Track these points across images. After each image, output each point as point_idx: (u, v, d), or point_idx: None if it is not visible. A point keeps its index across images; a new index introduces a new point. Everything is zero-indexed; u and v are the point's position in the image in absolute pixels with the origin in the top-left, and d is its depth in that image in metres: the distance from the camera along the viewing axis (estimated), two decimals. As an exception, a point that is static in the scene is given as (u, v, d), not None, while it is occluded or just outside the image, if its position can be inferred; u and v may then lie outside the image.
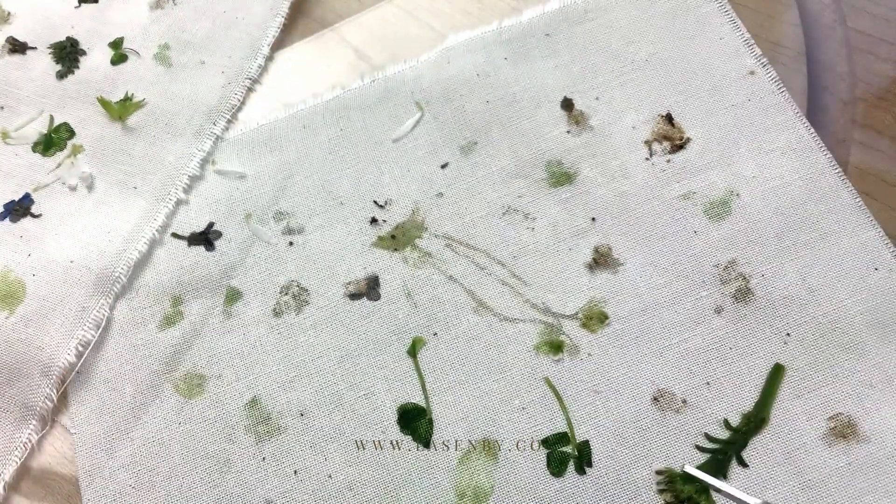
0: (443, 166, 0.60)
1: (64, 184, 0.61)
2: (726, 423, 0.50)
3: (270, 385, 0.54)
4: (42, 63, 0.67)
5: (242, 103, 0.65)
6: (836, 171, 0.55)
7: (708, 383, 0.51)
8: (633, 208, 0.56)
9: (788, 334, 0.51)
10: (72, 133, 0.63)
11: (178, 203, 0.61)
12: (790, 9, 0.64)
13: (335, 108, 0.63)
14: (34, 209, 0.60)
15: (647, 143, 0.58)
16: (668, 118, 0.58)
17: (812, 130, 0.56)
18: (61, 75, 0.66)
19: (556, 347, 0.53)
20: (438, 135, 0.61)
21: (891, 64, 0.61)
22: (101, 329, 0.56)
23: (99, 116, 0.64)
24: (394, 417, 0.52)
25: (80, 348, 0.56)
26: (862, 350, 0.50)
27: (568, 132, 0.59)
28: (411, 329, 0.55)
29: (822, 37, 0.63)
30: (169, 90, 0.65)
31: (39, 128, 0.64)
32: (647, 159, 0.57)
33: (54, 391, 0.54)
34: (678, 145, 0.57)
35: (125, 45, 0.67)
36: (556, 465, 0.50)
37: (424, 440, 0.51)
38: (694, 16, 0.62)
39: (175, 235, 0.60)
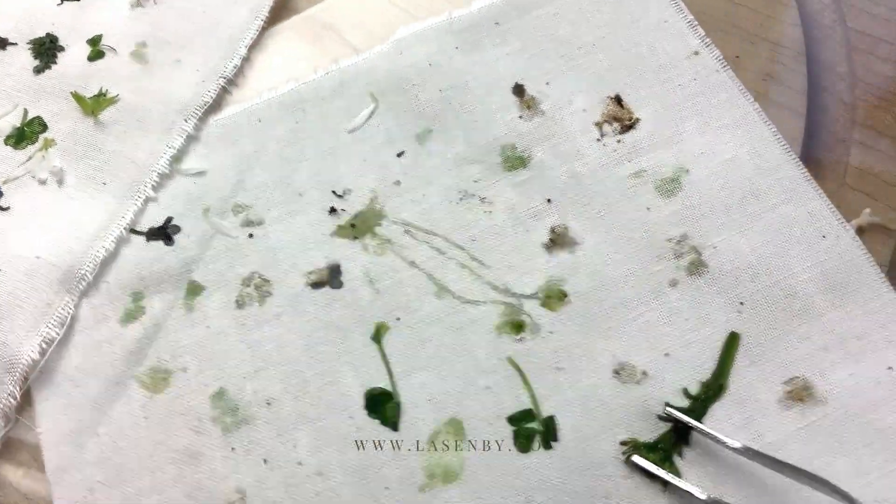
0: (399, 155, 0.60)
1: (34, 177, 0.61)
2: (685, 392, 0.51)
3: (236, 376, 0.54)
4: (21, 58, 0.67)
5: (216, 102, 0.65)
6: (782, 143, 0.57)
7: (667, 354, 0.52)
8: (586, 188, 0.57)
9: (742, 303, 0.53)
10: (45, 127, 0.63)
11: (147, 201, 0.61)
12: (790, 9, 0.64)
13: (290, 102, 0.64)
14: (3, 202, 0.60)
15: (598, 124, 0.59)
16: (618, 100, 0.60)
17: (756, 105, 0.58)
18: (38, 70, 0.66)
19: (517, 327, 0.54)
20: (394, 124, 0.62)
21: (891, 64, 0.61)
22: (65, 327, 0.56)
23: (72, 111, 0.64)
24: (361, 402, 0.53)
25: (45, 346, 0.55)
26: (814, 315, 0.52)
27: (520, 117, 0.60)
28: (374, 315, 0.55)
29: (822, 37, 0.63)
30: (143, 87, 0.65)
31: (14, 121, 0.63)
32: (598, 140, 0.59)
33: (17, 389, 0.54)
34: (628, 126, 0.59)
35: (103, 42, 0.67)
36: (523, 442, 0.51)
37: (392, 423, 0.52)
38: (638, 1, 0.63)
39: (133, 231, 0.60)
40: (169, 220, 0.60)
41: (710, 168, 0.57)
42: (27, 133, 0.63)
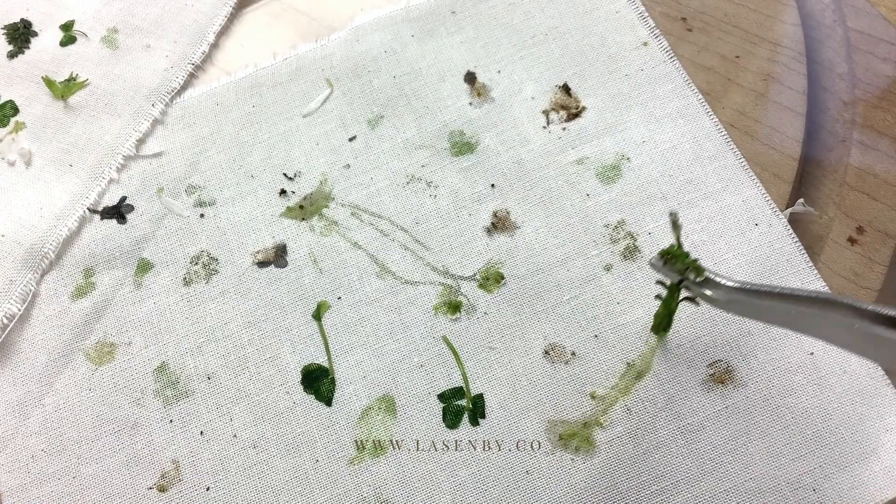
0: (350, 139, 0.61)
1: (3, 159, 0.63)
2: (611, 372, 0.52)
3: (179, 351, 0.55)
4: None
5: (183, 87, 0.67)
6: (722, 133, 0.57)
7: (596, 336, 0.53)
8: (530, 174, 0.58)
9: None
10: (16, 110, 0.65)
11: (111, 182, 0.62)
12: (790, 9, 0.64)
13: (248, 86, 0.65)
14: None
15: (545, 112, 0.60)
16: (566, 88, 0.61)
17: (700, 96, 0.59)
18: (12, 55, 0.68)
19: (454, 307, 0.55)
20: (347, 109, 0.63)
21: (891, 64, 0.61)
22: (26, 303, 0.57)
23: (43, 95, 0.66)
24: (298, 378, 0.54)
25: (5, 321, 0.57)
26: None
27: (470, 104, 0.61)
28: (316, 294, 0.56)
29: (822, 37, 0.63)
30: (112, 72, 0.67)
31: None
32: (544, 128, 0.59)
33: None
34: (574, 114, 0.60)
35: (76, 27, 0.69)
36: (451, 418, 0.52)
37: (327, 399, 0.53)
38: (592, -10, 0.64)
39: (90, 209, 0.61)
40: (123, 199, 0.61)
41: (651, 156, 0.57)
42: None
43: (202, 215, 0.60)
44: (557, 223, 0.56)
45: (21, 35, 0.69)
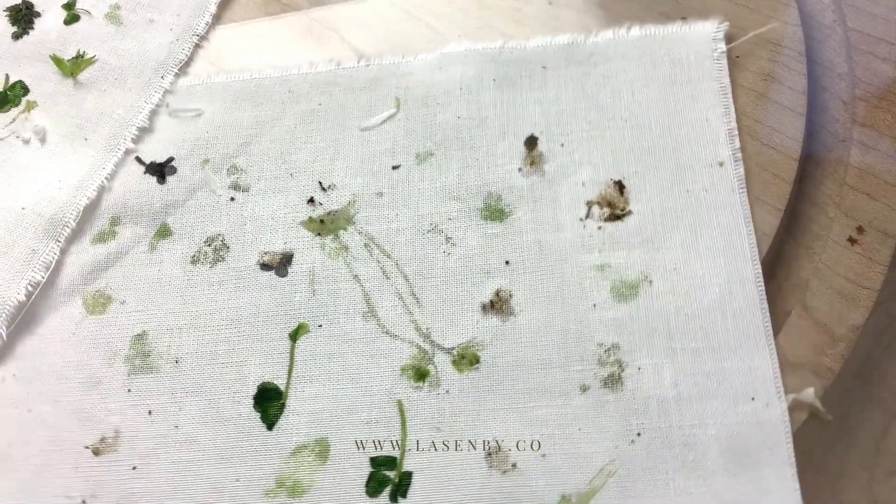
0: (394, 167, 0.60)
1: (18, 137, 0.65)
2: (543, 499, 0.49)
3: (162, 325, 0.57)
4: None
5: (190, 59, 0.68)
6: (760, 288, 0.53)
7: (544, 456, 0.50)
8: (547, 264, 0.55)
9: (639, 434, 0.50)
10: (26, 90, 0.67)
11: (127, 153, 0.64)
12: (790, 9, 0.63)
13: (322, 81, 0.65)
14: None
15: (589, 203, 0.57)
16: (620, 186, 0.57)
17: (754, 240, 0.54)
18: (16, 36, 0.70)
19: (420, 375, 0.53)
20: (402, 136, 0.61)
21: (891, 64, 0.60)
22: (49, 270, 0.59)
23: (52, 74, 0.68)
24: (253, 391, 0.54)
25: (30, 288, 0.59)
26: (703, 472, 0.49)
27: (520, 170, 0.59)
28: (302, 314, 0.56)
29: (822, 37, 0.63)
30: (119, 47, 0.68)
31: None
32: (581, 220, 0.56)
33: (4, 329, 0.57)
34: (617, 215, 0.56)
35: (78, 5, 0.71)
36: (374, 486, 0.51)
37: (270, 422, 0.53)
38: (690, 90, 0.60)
39: (138, 160, 0.63)
40: (170, 159, 0.62)
41: (675, 287, 0.53)
42: (10, 97, 0.67)
43: (233, 199, 0.61)
44: (554, 324, 0.54)
45: (24, 16, 0.71)
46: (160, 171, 0.62)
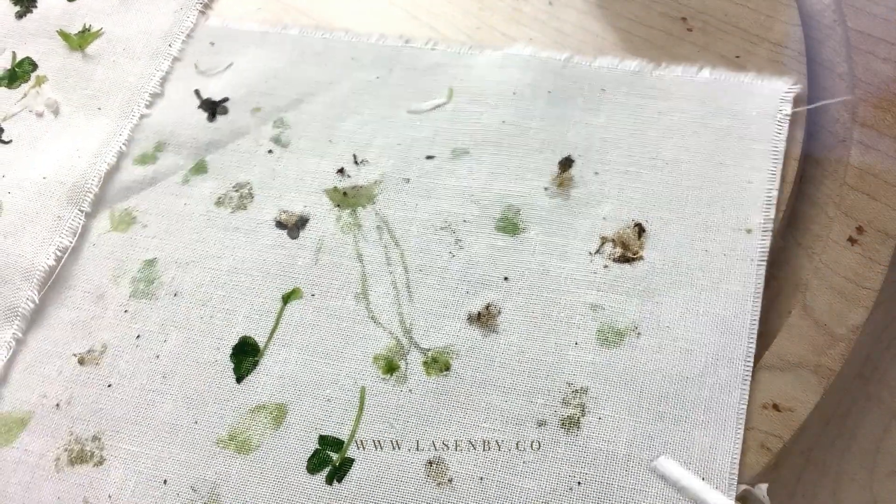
0: (428, 157, 0.60)
1: (31, 111, 0.67)
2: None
3: (173, 257, 0.59)
4: (1, 7, 0.73)
5: (195, 26, 0.70)
6: (747, 368, 0.51)
7: (482, 479, 0.50)
8: (544, 290, 0.55)
9: (580, 483, 0.49)
10: (35, 66, 0.70)
11: (142, 118, 0.66)
12: (790, 9, 0.63)
13: (386, 56, 0.65)
14: (4, 136, 0.66)
15: (604, 239, 0.56)
16: (640, 228, 0.56)
17: (755, 318, 0.52)
18: (20, 15, 0.72)
19: (390, 368, 0.54)
20: (446, 127, 0.61)
21: (891, 64, 0.59)
22: (76, 236, 0.61)
23: (60, 48, 0.70)
24: (233, 342, 0.56)
25: (59, 253, 0.61)
26: None
27: (545, 189, 0.58)
28: (299, 279, 0.57)
29: (822, 37, 0.63)
30: (124, 19, 0.70)
31: (4, 64, 0.70)
32: (589, 254, 0.55)
33: (35, 293, 0.59)
34: (627, 258, 0.55)
35: None
36: (315, 463, 0.52)
37: (239, 375, 0.55)
38: (742, 147, 0.57)
39: (196, 93, 0.65)
40: (224, 100, 0.64)
41: (661, 346, 0.52)
42: (19, 73, 0.69)
43: (270, 151, 0.62)
44: (532, 352, 0.53)
45: None
46: (213, 108, 0.64)
